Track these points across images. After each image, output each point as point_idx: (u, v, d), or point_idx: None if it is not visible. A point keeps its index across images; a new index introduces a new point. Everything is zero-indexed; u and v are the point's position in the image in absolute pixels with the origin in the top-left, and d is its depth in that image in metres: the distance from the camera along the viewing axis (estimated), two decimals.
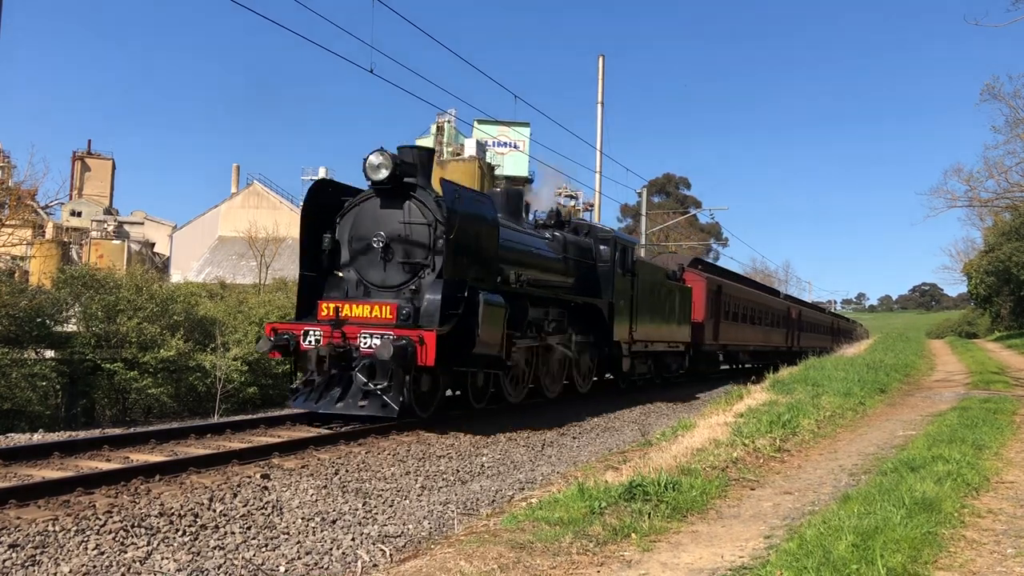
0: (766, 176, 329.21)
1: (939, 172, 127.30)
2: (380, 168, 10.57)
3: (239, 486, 6.88)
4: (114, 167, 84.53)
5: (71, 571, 4.92)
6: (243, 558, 5.36)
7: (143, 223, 70.68)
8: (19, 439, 9.38)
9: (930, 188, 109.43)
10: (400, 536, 6.08)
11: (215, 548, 5.49)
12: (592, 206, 42.38)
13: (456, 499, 7.29)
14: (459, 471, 8.48)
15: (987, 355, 34.49)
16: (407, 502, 7.09)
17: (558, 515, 5.68)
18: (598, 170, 29.33)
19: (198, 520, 5.94)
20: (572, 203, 62.91)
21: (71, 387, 18.50)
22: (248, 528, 5.96)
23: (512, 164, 62.00)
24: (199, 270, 50.62)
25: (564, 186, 61.97)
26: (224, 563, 5.25)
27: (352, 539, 5.91)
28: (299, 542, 5.78)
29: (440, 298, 10.20)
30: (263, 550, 5.57)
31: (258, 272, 41.29)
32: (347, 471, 7.82)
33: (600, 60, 29.24)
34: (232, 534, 5.80)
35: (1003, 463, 8.24)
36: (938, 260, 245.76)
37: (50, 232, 59.77)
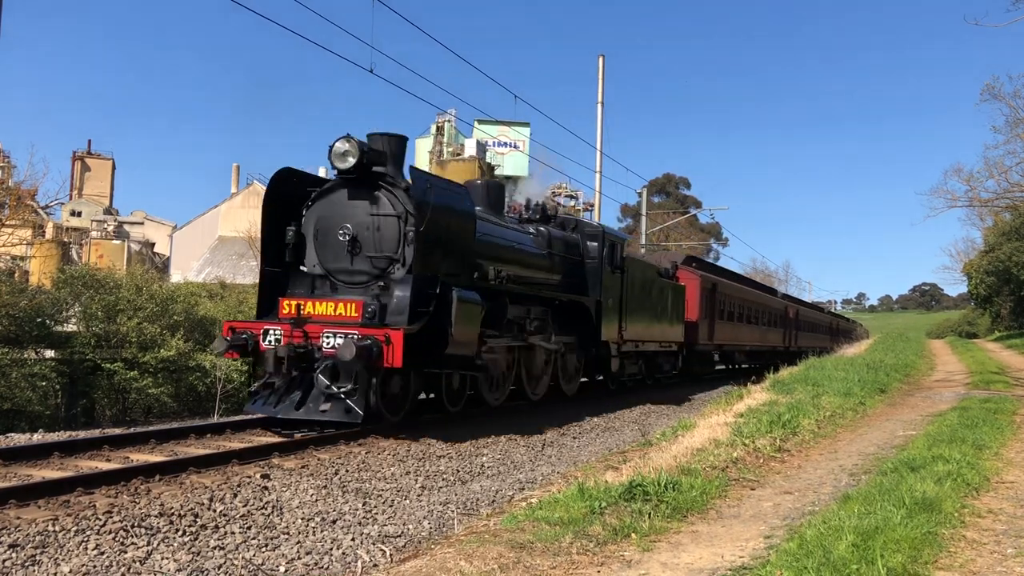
0: (766, 176, 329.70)
1: (939, 172, 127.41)
2: (346, 156, 9.97)
3: (239, 486, 6.88)
4: (114, 167, 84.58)
5: (71, 571, 4.92)
6: (243, 558, 5.36)
7: (143, 223, 70.70)
8: (19, 439, 9.38)
9: (930, 188, 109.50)
10: (400, 536, 6.08)
11: (215, 548, 5.49)
12: (592, 206, 42.40)
13: (456, 499, 7.29)
14: (459, 471, 8.48)
15: (987, 355, 34.49)
16: (407, 502, 7.09)
17: (558, 515, 5.68)
18: (598, 170, 29.35)
19: (198, 520, 5.94)
20: (572, 203, 62.86)
21: (71, 387, 18.51)
22: (248, 528, 5.96)
23: (512, 164, 61.98)
24: (199, 270, 50.63)
25: (564, 185, 61.96)
26: (224, 563, 5.25)
27: (352, 539, 5.91)
28: (299, 542, 5.78)
29: (410, 295, 9.64)
30: (263, 550, 5.57)
31: (258, 272, 41.20)
32: (347, 471, 7.82)
33: (600, 60, 29.26)
34: (232, 534, 5.80)
35: (1003, 463, 8.24)
36: (938, 260, 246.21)
37: (50, 232, 59.78)
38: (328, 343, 9.29)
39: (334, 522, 6.30)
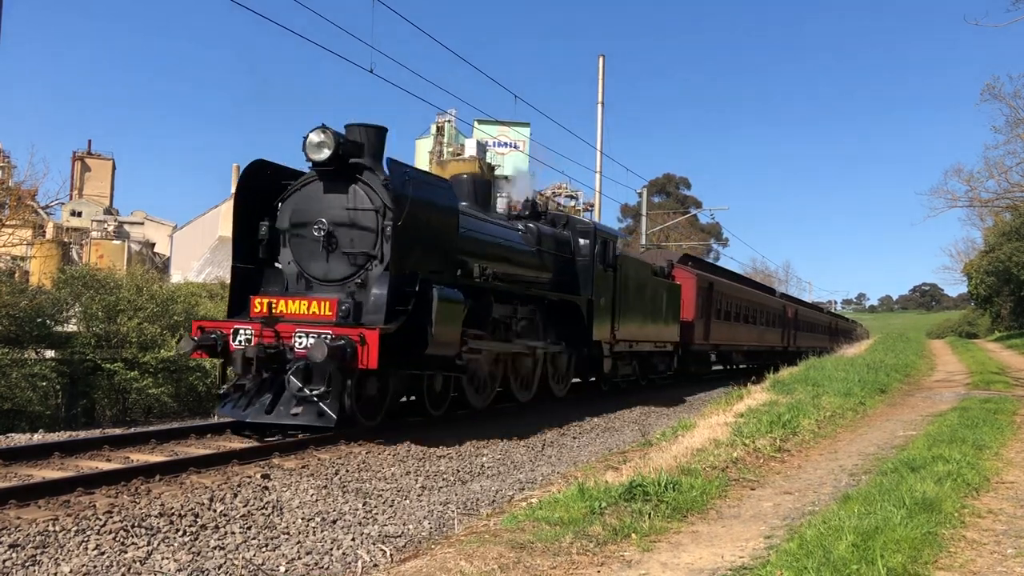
0: (766, 176, 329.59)
1: (939, 172, 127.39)
2: (321, 147, 9.52)
3: (239, 486, 6.88)
4: (114, 167, 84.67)
5: (71, 571, 4.92)
6: (243, 558, 5.36)
7: (143, 223, 70.77)
8: (19, 439, 9.37)
9: (930, 188, 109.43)
10: (400, 536, 6.09)
11: (215, 548, 5.50)
12: (592, 206, 42.39)
13: (456, 499, 7.30)
14: (459, 471, 8.48)
15: (987, 355, 34.49)
16: (407, 502, 7.09)
17: (558, 515, 5.68)
18: (598, 170, 29.36)
19: (198, 520, 5.94)
20: (572, 203, 62.87)
21: (71, 387, 18.51)
22: (248, 528, 5.96)
23: (512, 164, 61.99)
24: (199, 270, 50.65)
25: (564, 185, 62.00)
26: (224, 563, 5.25)
27: (352, 539, 5.91)
28: (299, 542, 5.78)
29: (386, 292, 9.22)
30: (263, 550, 5.58)
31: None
32: (347, 471, 7.83)
33: (600, 60, 29.26)
34: (232, 534, 5.80)
35: (1003, 463, 8.24)
36: (938, 260, 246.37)
37: (50, 232, 59.81)
38: (300, 343, 8.89)
39: (334, 522, 6.30)
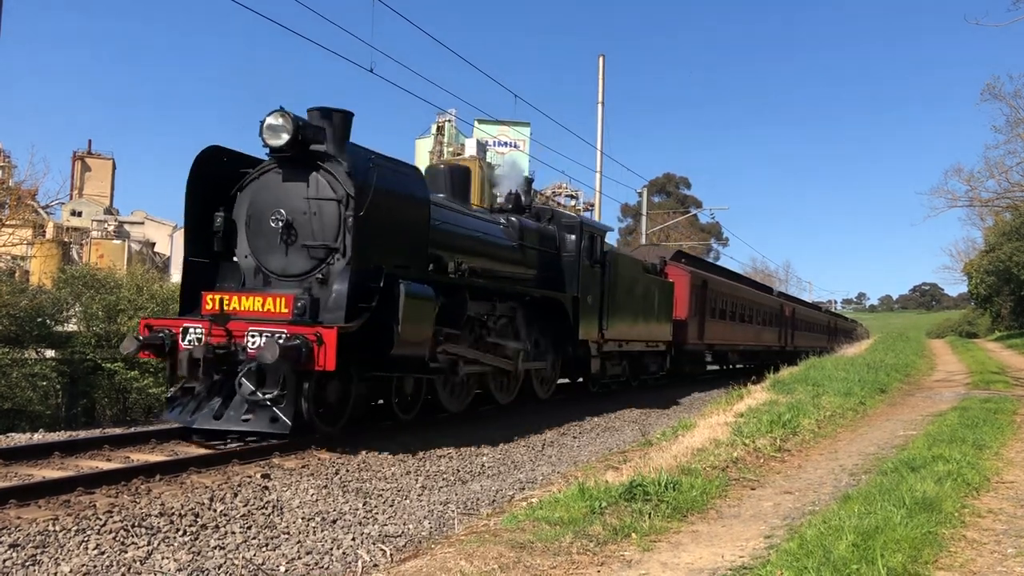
0: (766, 176, 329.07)
1: (939, 172, 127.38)
2: (278, 131, 8.91)
3: (239, 486, 6.88)
4: (114, 167, 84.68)
5: (71, 571, 4.92)
6: (243, 558, 5.36)
7: (143, 223, 70.77)
8: (19, 439, 9.37)
9: (930, 188, 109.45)
10: (400, 536, 6.09)
11: (215, 548, 5.50)
12: (592, 206, 42.40)
13: (456, 499, 7.30)
14: (459, 471, 8.48)
15: (987, 355, 34.52)
16: (407, 502, 7.09)
17: (558, 515, 5.68)
18: (598, 170, 29.37)
19: (198, 520, 5.94)
20: (573, 203, 62.90)
21: (71, 387, 18.53)
22: (248, 528, 5.96)
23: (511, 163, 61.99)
24: None
25: (564, 185, 62.04)
26: (224, 563, 5.25)
27: (352, 539, 5.91)
28: (299, 542, 5.78)
29: (347, 288, 8.64)
30: (263, 550, 5.58)
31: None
32: (347, 471, 7.83)
33: (600, 60, 29.26)
34: (232, 534, 5.80)
35: (1003, 463, 8.25)
36: (938, 260, 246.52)
37: (50, 232, 59.82)
38: (253, 343, 8.32)
39: (334, 522, 6.30)
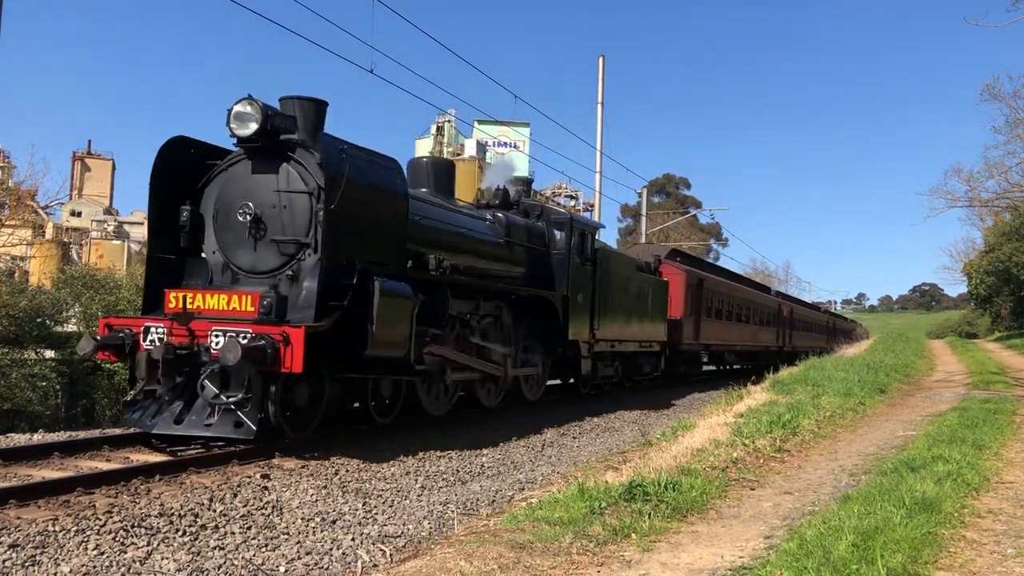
0: (766, 176, 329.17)
1: (939, 172, 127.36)
2: (246, 120, 8.51)
3: (239, 486, 6.88)
4: (114, 167, 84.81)
5: (71, 571, 4.92)
6: (243, 558, 5.36)
7: (143, 223, 70.68)
8: (19, 439, 9.36)
9: (930, 188, 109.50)
10: (400, 536, 6.09)
11: (215, 548, 5.50)
12: (592, 206, 42.41)
13: (456, 499, 7.30)
14: (459, 471, 8.48)
15: (987, 355, 34.53)
16: (407, 502, 7.09)
17: (558, 515, 5.68)
18: (598, 170, 29.36)
19: (198, 520, 5.94)
20: (572, 203, 62.93)
21: (71, 387, 18.53)
22: (248, 528, 5.96)
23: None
24: None
25: (564, 185, 62.07)
26: (224, 563, 5.25)
27: (352, 539, 5.91)
28: (299, 542, 5.78)
29: (317, 285, 8.22)
30: (263, 550, 5.58)
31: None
32: (347, 471, 7.83)
33: (600, 60, 29.27)
34: (232, 534, 5.80)
35: (1003, 463, 8.25)
36: (938, 260, 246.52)
37: (50, 232, 59.86)
38: (217, 343, 7.92)
39: (334, 522, 6.30)
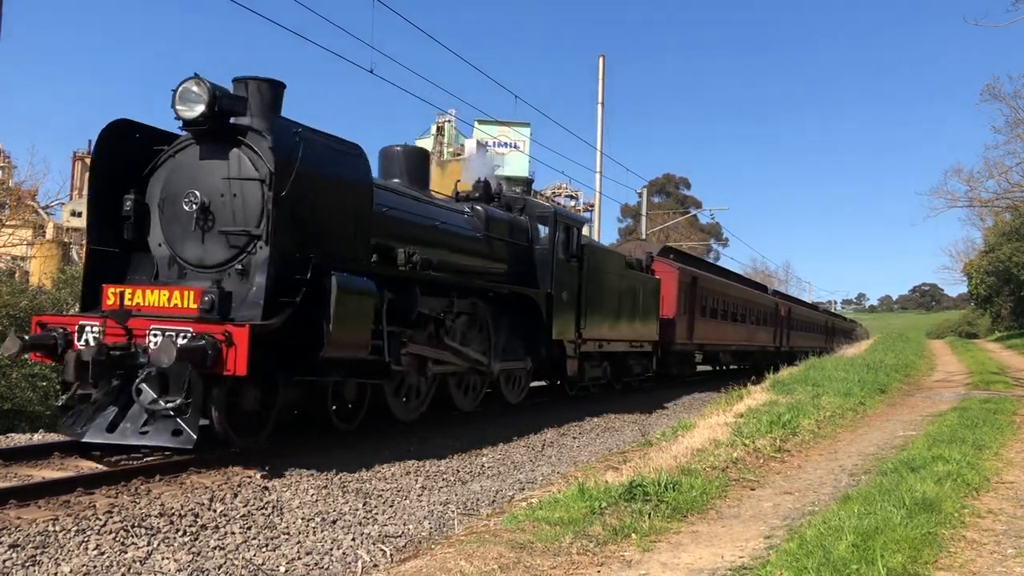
0: (766, 176, 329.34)
1: (939, 172, 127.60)
2: (192, 102, 7.81)
3: (239, 486, 6.88)
4: None
5: (71, 571, 4.92)
6: (243, 558, 5.36)
7: None
8: (19, 439, 9.36)
9: (930, 188, 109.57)
10: (400, 536, 6.09)
11: (215, 548, 5.50)
12: (592, 206, 42.44)
13: (456, 499, 7.30)
14: (459, 471, 8.48)
15: (987, 355, 34.55)
16: (407, 502, 7.09)
17: (558, 515, 5.68)
18: (598, 170, 29.35)
19: (198, 520, 5.94)
20: (573, 203, 62.88)
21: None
22: (248, 528, 5.96)
23: (513, 164, 62.02)
24: None
25: (564, 185, 62.04)
26: (224, 563, 5.25)
27: (352, 539, 5.91)
28: (299, 542, 5.78)
29: (266, 280, 7.55)
30: (263, 550, 5.58)
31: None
32: (347, 471, 7.83)
33: (600, 60, 29.26)
34: (232, 534, 5.80)
35: (1003, 463, 8.25)
36: (938, 260, 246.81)
37: (50, 232, 59.77)
38: (155, 343, 7.27)
39: (334, 522, 6.31)
